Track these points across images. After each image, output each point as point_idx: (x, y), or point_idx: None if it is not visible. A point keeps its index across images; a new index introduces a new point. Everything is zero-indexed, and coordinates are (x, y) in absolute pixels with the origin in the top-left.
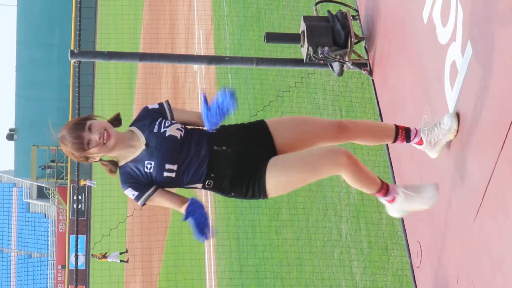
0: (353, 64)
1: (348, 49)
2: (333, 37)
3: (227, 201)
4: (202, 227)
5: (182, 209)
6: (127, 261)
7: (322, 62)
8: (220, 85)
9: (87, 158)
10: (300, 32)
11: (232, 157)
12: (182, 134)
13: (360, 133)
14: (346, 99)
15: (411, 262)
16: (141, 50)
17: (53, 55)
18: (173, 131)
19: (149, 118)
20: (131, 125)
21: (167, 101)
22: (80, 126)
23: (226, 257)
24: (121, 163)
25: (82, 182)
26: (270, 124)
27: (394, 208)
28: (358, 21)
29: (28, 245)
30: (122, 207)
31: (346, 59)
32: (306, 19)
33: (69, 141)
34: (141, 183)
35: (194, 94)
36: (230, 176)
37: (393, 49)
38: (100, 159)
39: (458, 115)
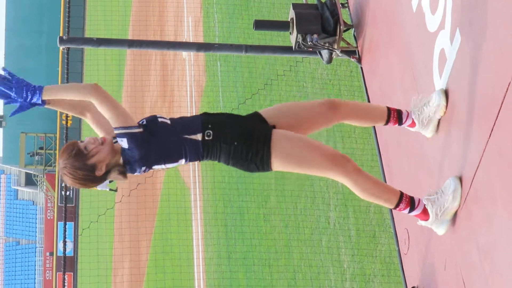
0: (342, 51)
1: (337, 37)
2: (322, 24)
3: (215, 188)
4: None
5: None
6: (116, 190)
7: (311, 49)
8: (209, 72)
9: (93, 168)
10: (289, 20)
11: (227, 116)
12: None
13: (351, 113)
14: (334, 87)
15: (398, 249)
16: (130, 37)
17: (42, 43)
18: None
19: None
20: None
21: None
22: (71, 143)
23: (214, 244)
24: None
25: None
26: (263, 113)
27: (435, 223)
28: (347, 8)
29: (16, 232)
30: (110, 194)
31: (335, 46)
32: (295, 6)
33: (66, 157)
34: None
35: (183, 82)
36: (229, 127)
37: (382, 37)
38: (108, 171)
39: (446, 92)
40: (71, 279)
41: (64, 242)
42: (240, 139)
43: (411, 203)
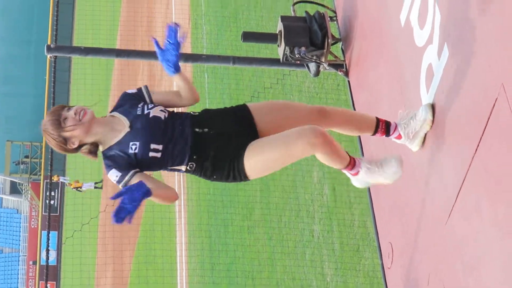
0: (329, 65)
1: (325, 50)
2: (310, 37)
3: (200, 199)
4: (124, 210)
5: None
6: (101, 187)
7: (298, 62)
8: (196, 83)
9: (65, 140)
10: (277, 32)
11: (214, 139)
12: (166, 116)
13: (340, 122)
14: (321, 100)
15: (382, 263)
16: (118, 47)
17: (31, 51)
18: (157, 112)
19: (130, 103)
20: (111, 112)
21: (146, 86)
22: (60, 107)
23: (198, 255)
24: (104, 148)
25: (55, 178)
26: (252, 108)
27: (357, 180)
28: (335, 22)
29: None
30: (94, 203)
31: (323, 59)
32: (284, 19)
33: (46, 120)
34: (126, 164)
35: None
36: (211, 158)
37: (370, 51)
38: (80, 147)
39: (433, 106)
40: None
41: (47, 251)
42: (219, 171)
43: (387, 129)
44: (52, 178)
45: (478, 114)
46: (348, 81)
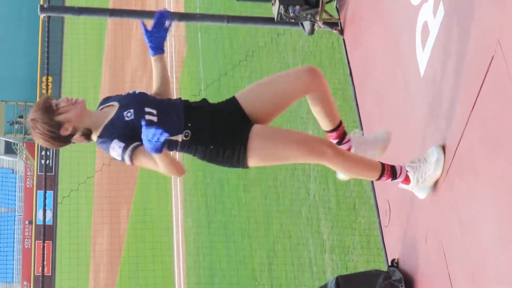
0: (324, 23)
1: (320, 8)
2: None
3: (194, 158)
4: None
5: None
6: None
7: (293, 21)
8: (189, 43)
9: (59, 125)
10: None
11: (208, 113)
12: (152, 93)
13: (324, 93)
14: (316, 58)
15: (379, 221)
16: (111, 7)
17: (23, 10)
18: (142, 90)
19: (113, 97)
20: (98, 108)
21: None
22: (47, 98)
23: (194, 213)
24: (98, 131)
25: None
26: (239, 98)
27: (416, 188)
28: None
29: None
30: (90, 163)
31: (317, 18)
32: None
33: (35, 109)
34: (127, 133)
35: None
36: (208, 128)
37: (365, 9)
38: (72, 134)
39: (443, 148)
40: (50, 247)
41: (44, 211)
42: (217, 143)
43: (393, 173)
44: None
45: (475, 71)
46: (343, 40)
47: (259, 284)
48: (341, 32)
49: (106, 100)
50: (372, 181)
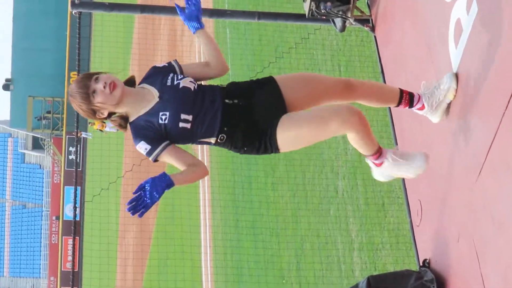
0: (355, 20)
1: (351, 5)
2: None
3: (221, 156)
4: (142, 203)
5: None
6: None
7: (324, 17)
8: (218, 39)
9: (94, 111)
10: None
11: (244, 111)
12: (196, 87)
13: (366, 94)
14: (345, 55)
15: (411, 221)
16: (139, 2)
17: (51, 6)
18: (187, 83)
19: (160, 75)
20: (140, 83)
21: (176, 60)
22: (87, 77)
23: (222, 212)
24: (133, 118)
25: (77, 134)
26: (279, 81)
27: (380, 172)
28: None
29: (22, 196)
30: (118, 162)
31: (349, 14)
32: None
33: (75, 91)
34: (155, 136)
35: (192, 48)
36: (242, 130)
37: (397, 6)
38: (109, 115)
39: (456, 75)
40: (77, 243)
41: (75, 208)
42: (249, 147)
43: (410, 101)
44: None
45: (509, 68)
46: (375, 37)
47: (287, 283)
48: (373, 29)
49: (153, 73)
50: (404, 181)
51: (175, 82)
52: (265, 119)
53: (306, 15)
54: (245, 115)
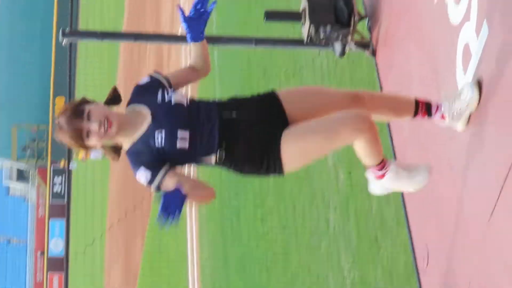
0: (355, 44)
1: (351, 28)
2: (336, 15)
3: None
4: (170, 207)
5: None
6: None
7: (323, 42)
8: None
9: (86, 148)
10: (301, 10)
11: (242, 126)
12: (188, 102)
13: (377, 106)
14: (336, 77)
15: (416, 266)
16: (124, 28)
17: (36, 33)
18: (178, 98)
19: (146, 92)
20: (128, 104)
21: (157, 72)
22: (78, 114)
23: (210, 245)
24: (128, 146)
25: (62, 164)
26: (281, 95)
27: (379, 185)
28: None
29: (7, 230)
30: (104, 190)
31: (349, 39)
32: None
33: (66, 132)
34: (154, 161)
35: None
36: (242, 146)
37: (400, 30)
38: (102, 146)
39: (479, 83)
40: (61, 280)
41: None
42: (251, 165)
43: (428, 110)
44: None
45: None
46: (375, 62)
47: None
48: (373, 53)
49: (139, 93)
50: (407, 220)
51: (167, 99)
52: (267, 136)
53: (305, 40)
54: (244, 130)
